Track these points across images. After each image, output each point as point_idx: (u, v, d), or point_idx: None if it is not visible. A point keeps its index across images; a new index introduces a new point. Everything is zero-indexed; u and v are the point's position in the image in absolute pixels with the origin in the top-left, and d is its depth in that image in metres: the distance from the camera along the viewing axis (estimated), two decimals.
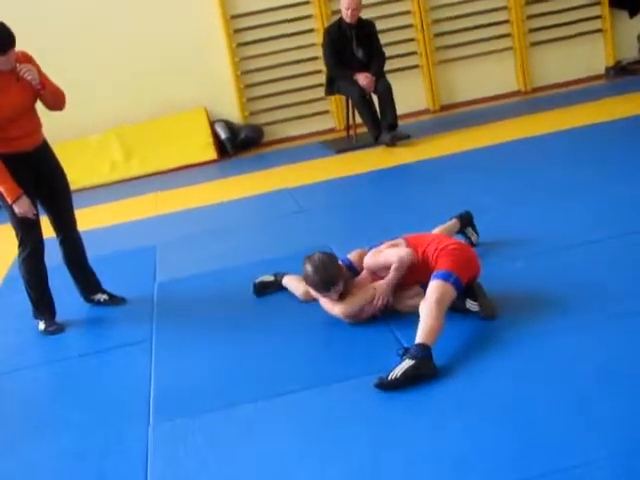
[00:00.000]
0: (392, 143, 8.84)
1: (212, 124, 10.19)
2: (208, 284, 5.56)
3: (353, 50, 8.97)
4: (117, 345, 4.83)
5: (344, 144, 9.46)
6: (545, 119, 9.00)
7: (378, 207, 6.71)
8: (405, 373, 3.76)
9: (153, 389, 4.17)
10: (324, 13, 10.20)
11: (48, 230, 5.29)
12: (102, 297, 5.51)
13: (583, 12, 10.67)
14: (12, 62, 4.85)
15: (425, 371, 3.79)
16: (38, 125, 5.15)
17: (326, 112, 10.53)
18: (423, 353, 3.83)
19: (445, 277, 4.22)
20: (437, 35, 10.53)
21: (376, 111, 9.07)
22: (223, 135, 10.09)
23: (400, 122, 9.16)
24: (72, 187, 5.40)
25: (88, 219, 7.10)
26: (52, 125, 5.66)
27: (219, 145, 10.06)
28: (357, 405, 3.71)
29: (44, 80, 5.03)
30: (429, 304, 4.07)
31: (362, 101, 8.96)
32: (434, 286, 4.19)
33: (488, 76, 10.64)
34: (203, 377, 4.23)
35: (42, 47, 5.80)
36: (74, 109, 9.93)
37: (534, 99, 10.39)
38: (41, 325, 5.26)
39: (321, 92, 9.72)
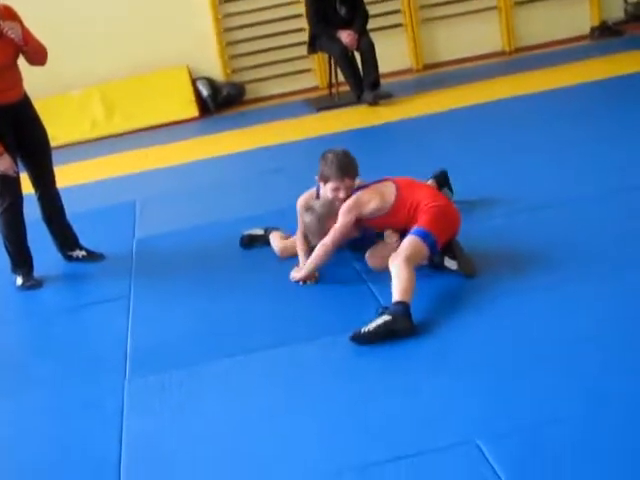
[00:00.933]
0: (374, 102, 8.79)
1: (194, 81, 10.10)
2: (187, 241, 5.55)
3: (336, 7, 8.89)
4: (95, 301, 4.83)
5: (326, 102, 9.41)
6: (529, 79, 8.95)
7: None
8: (379, 327, 3.78)
9: (130, 344, 4.18)
10: None
11: (27, 186, 5.26)
12: (80, 253, 5.49)
13: None
14: None
15: (401, 326, 3.80)
16: (19, 79, 5.13)
17: (309, 70, 10.46)
18: (400, 309, 3.85)
19: (422, 235, 4.23)
20: None
21: (359, 69, 9.00)
22: (205, 92, 10.01)
23: (383, 81, 9.10)
24: (53, 144, 5.39)
25: (69, 176, 7.08)
26: (33, 80, 5.60)
27: (201, 103, 9.99)
28: (333, 362, 3.73)
29: (27, 36, 5.00)
30: (399, 262, 4.07)
31: (344, 59, 8.91)
32: (408, 242, 4.20)
33: (472, 35, 10.55)
34: (180, 333, 4.24)
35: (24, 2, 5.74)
36: (56, 65, 9.81)
37: (518, 59, 10.32)
38: (19, 280, 5.24)
39: (304, 50, 9.64)
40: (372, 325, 3.80)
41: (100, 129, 9.76)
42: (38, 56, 5.15)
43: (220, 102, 10.04)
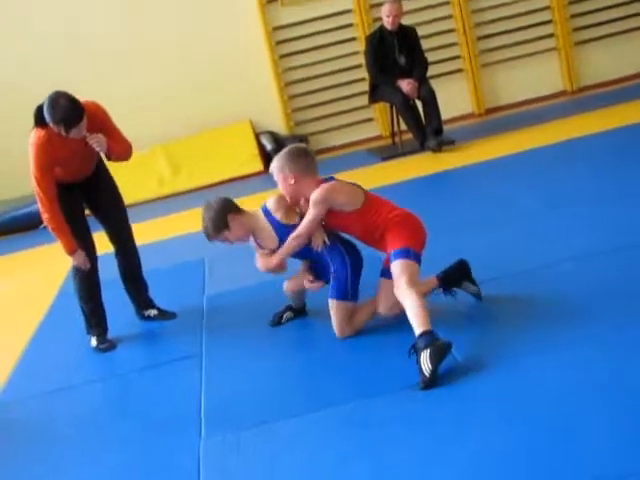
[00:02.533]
0: (438, 148, 8.80)
1: (257, 136, 10.22)
2: (256, 297, 5.56)
3: (395, 57, 8.95)
4: (168, 360, 4.85)
5: (390, 151, 9.44)
6: (593, 119, 8.89)
7: (423, 213, 6.64)
8: (431, 364, 3.80)
9: (204, 403, 4.19)
10: (365, 21, 10.20)
11: (105, 245, 5.37)
12: (152, 312, 5.54)
13: (629, 8, 10.52)
14: (82, 132, 4.82)
15: (442, 352, 3.83)
16: (91, 160, 5.17)
17: (370, 120, 10.52)
18: (429, 339, 3.88)
19: (405, 255, 4.27)
20: (480, 38, 10.48)
21: (420, 117, 9.03)
22: (269, 146, 10.11)
23: (445, 127, 9.12)
24: None
25: (137, 234, 7.15)
26: None
27: (265, 157, 10.08)
28: (406, 415, 3.67)
29: (112, 145, 4.97)
30: (403, 290, 4.13)
31: (406, 107, 8.94)
32: (399, 267, 4.24)
33: (533, 77, 10.56)
34: (254, 390, 4.23)
35: (89, 64, 5.83)
36: (120, 126, 10.08)
37: (581, 99, 10.28)
38: (93, 341, 5.29)
39: (365, 100, 9.71)
40: (425, 368, 3.81)
41: (167, 187, 9.91)
42: (121, 158, 5.14)
43: None
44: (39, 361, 5.33)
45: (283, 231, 4.65)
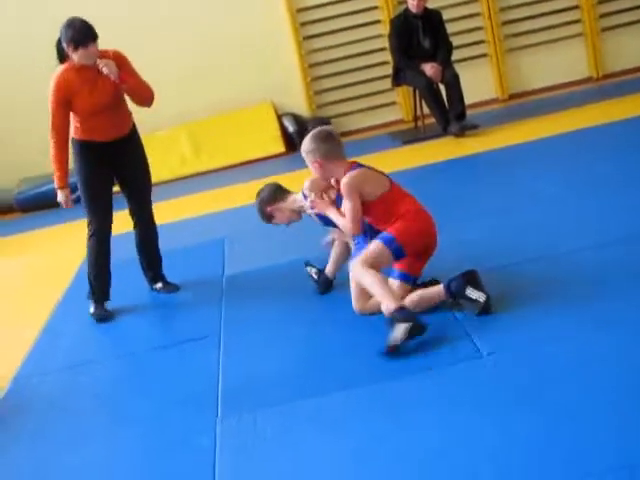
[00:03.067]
0: (460, 133, 8.75)
1: (280, 117, 10.21)
2: (276, 277, 5.57)
3: (419, 40, 8.91)
4: (186, 339, 4.86)
5: (412, 135, 9.41)
6: (618, 106, 8.82)
7: (445, 198, 6.61)
8: (404, 336, 4.02)
9: (221, 382, 4.20)
10: (390, 4, 10.15)
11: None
12: (158, 285, 5.67)
13: None
14: (94, 57, 5.06)
15: (418, 332, 4.05)
16: (122, 120, 5.36)
17: (393, 103, 10.48)
18: (408, 315, 4.08)
19: (385, 240, 4.37)
20: (505, 23, 10.40)
21: (444, 101, 8.99)
22: (291, 128, 10.10)
23: (468, 111, 9.06)
24: None
25: (159, 214, 7.16)
26: None
27: (287, 138, 10.07)
28: (429, 399, 3.66)
29: (125, 75, 5.15)
30: (358, 267, 4.31)
31: (429, 91, 8.90)
32: (372, 246, 4.37)
33: (558, 63, 10.47)
34: (271, 370, 4.23)
35: (111, 44, 5.82)
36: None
37: (606, 86, 10.19)
38: (91, 308, 5.43)
39: (388, 83, 9.67)
40: (396, 337, 4.03)
41: (188, 167, 9.92)
42: (140, 96, 5.32)
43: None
44: (59, 337, 5.36)
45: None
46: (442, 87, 9.02)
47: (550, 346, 3.86)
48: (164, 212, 7.62)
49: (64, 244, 7.55)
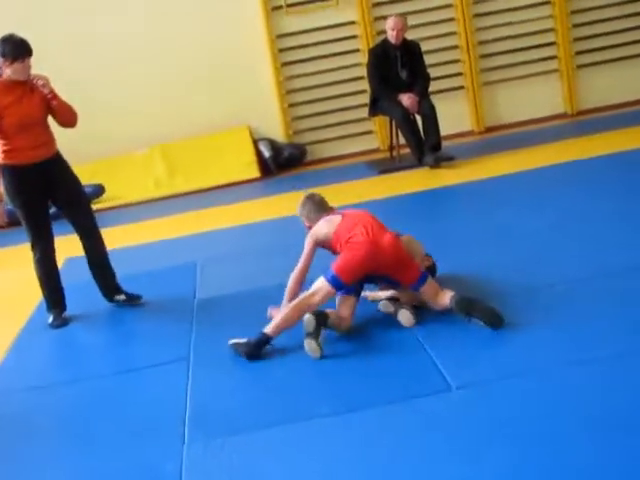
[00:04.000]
0: (436, 164, 8.79)
1: (255, 142, 10.21)
2: (248, 302, 5.54)
3: (397, 71, 8.95)
4: (155, 363, 4.83)
5: (387, 165, 9.44)
6: (591, 142, 8.90)
7: (417, 229, 6.63)
8: (238, 345, 4.61)
9: (189, 408, 4.17)
10: (369, 34, 10.20)
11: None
12: (121, 297, 5.74)
13: (632, 35, 10.54)
14: (27, 72, 5.26)
15: (245, 350, 4.57)
16: (48, 139, 5.46)
17: (370, 132, 10.52)
18: (257, 339, 4.59)
19: (326, 277, 4.69)
20: (483, 56, 10.49)
21: (420, 132, 9.03)
22: (266, 153, 10.10)
23: (444, 143, 9.10)
24: (117, 202, 5.61)
25: (131, 235, 7.16)
26: (97, 141, 5.74)
27: (262, 163, 10.07)
28: (392, 431, 3.66)
29: (55, 94, 5.37)
30: (298, 300, 4.71)
31: (406, 122, 8.93)
32: (316, 284, 4.73)
33: (534, 98, 10.56)
34: (240, 397, 4.22)
35: (91, 65, 5.84)
36: (120, 125, 10.08)
37: (581, 122, 10.29)
38: (50, 319, 5.62)
39: (365, 112, 9.70)
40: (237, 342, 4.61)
41: (163, 189, 9.88)
42: (66, 115, 5.46)
43: (281, 163, 10.13)
44: (26, 356, 5.30)
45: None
46: (418, 118, 9.06)
47: (522, 382, 3.87)
48: (137, 234, 7.61)
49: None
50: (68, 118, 5.48)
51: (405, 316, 4.72)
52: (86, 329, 5.55)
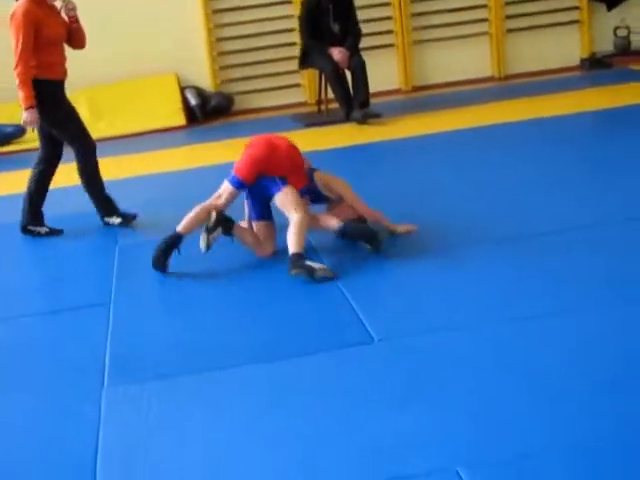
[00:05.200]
0: (363, 120, 8.79)
1: (183, 90, 10.08)
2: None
3: (329, 24, 8.91)
4: (75, 307, 4.76)
5: (314, 118, 9.41)
6: (517, 106, 9.00)
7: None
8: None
9: (109, 353, 4.13)
10: None
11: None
12: (115, 220, 6.07)
13: (561, 2, 10.66)
14: None
15: (159, 247, 4.97)
16: (65, 60, 5.98)
17: (298, 85, 10.47)
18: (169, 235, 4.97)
19: (227, 178, 5.09)
20: (414, 15, 10.49)
21: (349, 87, 9.01)
22: (193, 101, 9.99)
23: (372, 100, 9.11)
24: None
25: (54, 179, 6.99)
26: None
27: (188, 111, 9.96)
28: (314, 380, 3.68)
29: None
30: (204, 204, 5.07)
31: (335, 76, 8.91)
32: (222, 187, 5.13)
33: (463, 60, 10.61)
34: (160, 343, 4.19)
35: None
36: None
37: (508, 86, 10.39)
38: (41, 230, 6.00)
39: (295, 65, 9.65)
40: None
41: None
42: (82, 39, 6.12)
43: (208, 112, 10.03)
44: None
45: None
46: (348, 74, 9.04)
47: (448, 335, 3.92)
48: (58, 178, 7.45)
49: None
50: (83, 42, 6.14)
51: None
52: (5, 271, 5.45)
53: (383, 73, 10.26)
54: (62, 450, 3.36)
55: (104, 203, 6.10)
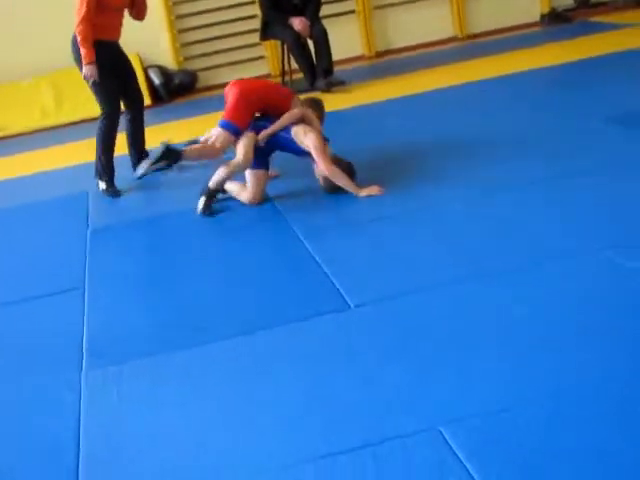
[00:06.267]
0: (328, 89, 8.77)
1: (145, 70, 10.01)
2: (142, 230, 5.50)
3: None
4: (49, 293, 4.74)
5: None
6: (480, 66, 9.00)
7: None
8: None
9: (86, 336, 4.12)
10: None
11: None
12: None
13: None
14: None
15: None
16: (122, 23, 6.41)
17: (261, 57, 10.42)
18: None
19: (223, 125, 5.48)
20: None
21: (311, 56, 8.98)
22: (157, 81, 9.93)
23: (336, 68, 9.09)
24: (3, 133, 5.50)
25: (19, 166, 6.97)
26: None
27: (153, 91, 9.89)
28: (291, 350, 3.69)
29: None
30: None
31: (297, 46, 8.87)
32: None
33: (424, 22, 10.60)
34: (136, 324, 4.18)
35: None
36: (6, 52, 9.74)
37: (470, 45, 10.39)
38: (102, 185, 6.36)
39: (256, 37, 9.59)
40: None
41: (50, 118, 9.64)
42: (144, 11, 6.49)
43: (173, 90, 9.97)
44: None
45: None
46: (310, 43, 9.00)
47: (420, 296, 3.93)
48: (25, 164, 7.43)
49: None
50: (144, 13, 6.51)
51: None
52: None
53: (346, 40, 10.23)
54: (43, 437, 3.34)
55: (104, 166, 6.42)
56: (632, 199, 4.67)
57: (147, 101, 9.58)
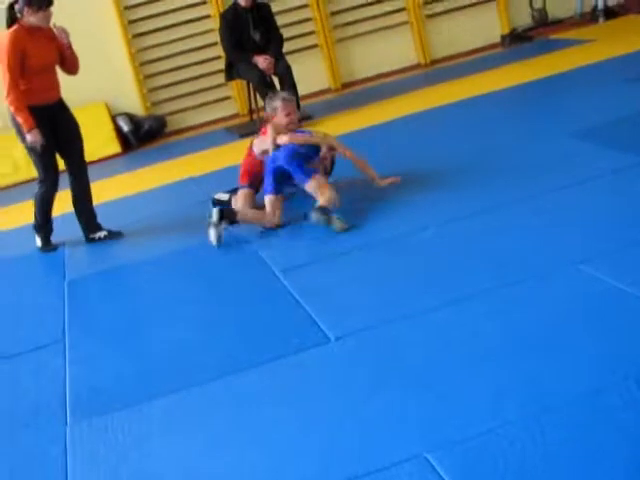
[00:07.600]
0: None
1: (114, 118, 10.04)
2: (120, 278, 5.51)
3: (250, 33, 8.92)
4: (29, 349, 4.73)
5: (248, 128, 9.39)
6: (442, 90, 9.10)
7: None
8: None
9: (69, 389, 4.11)
10: None
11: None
12: (102, 234, 6.31)
13: None
14: (49, 20, 5.89)
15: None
16: (57, 83, 6.12)
17: (228, 98, 10.48)
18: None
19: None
20: (334, 13, 10.54)
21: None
22: (125, 128, 9.96)
23: (302, 103, 9.15)
24: None
25: None
26: None
27: (123, 138, 9.92)
28: (271, 389, 3.70)
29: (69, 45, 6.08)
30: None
31: (263, 84, 8.91)
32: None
33: (387, 51, 10.70)
34: (118, 373, 4.17)
35: None
36: None
37: (434, 71, 10.48)
38: (38, 242, 6.34)
39: (222, 78, 9.65)
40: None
41: (21, 173, 9.61)
42: (75, 65, 6.20)
43: (142, 136, 10.00)
44: None
45: None
46: (275, 80, 9.06)
47: (398, 325, 3.96)
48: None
49: None
50: (75, 67, 6.23)
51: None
52: None
53: (311, 74, 10.32)
54: None
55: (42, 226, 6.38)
56: (603, 212, 4.73)
57: (117, 149, 9.71)
